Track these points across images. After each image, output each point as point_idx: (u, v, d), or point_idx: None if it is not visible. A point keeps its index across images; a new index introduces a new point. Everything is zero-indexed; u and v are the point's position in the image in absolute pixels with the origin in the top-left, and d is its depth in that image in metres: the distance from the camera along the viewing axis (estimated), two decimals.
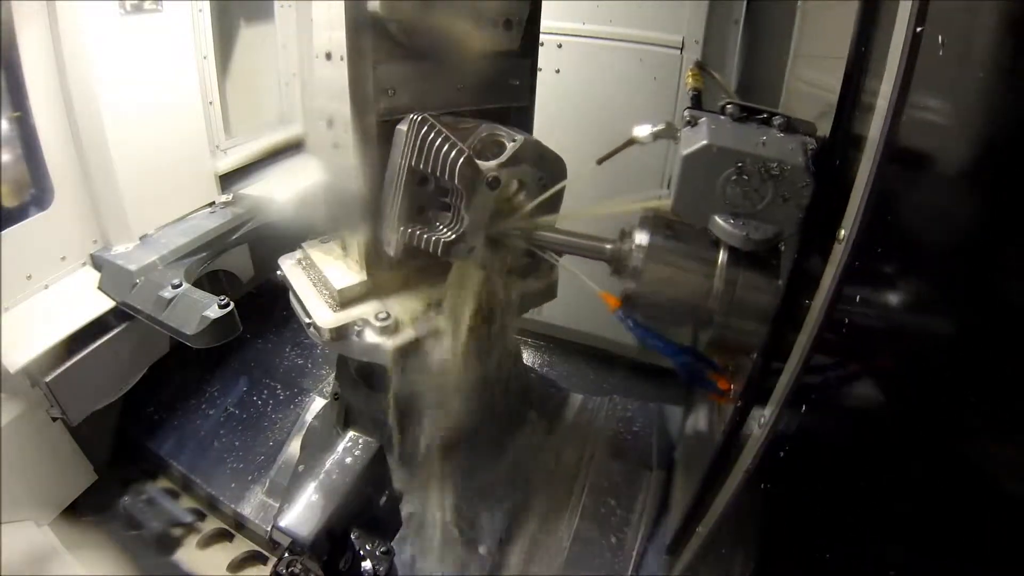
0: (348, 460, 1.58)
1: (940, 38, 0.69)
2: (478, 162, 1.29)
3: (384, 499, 1.67)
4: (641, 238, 1.21)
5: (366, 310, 1.52)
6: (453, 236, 1.32)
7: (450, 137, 1.26)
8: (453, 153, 1.24)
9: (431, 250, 1.33)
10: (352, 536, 1.56)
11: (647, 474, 2.11)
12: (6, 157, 1.77)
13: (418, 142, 1.27)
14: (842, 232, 0.86)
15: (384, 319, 1.46)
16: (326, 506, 1.48)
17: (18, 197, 1.83)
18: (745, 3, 2.17)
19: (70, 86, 1.79)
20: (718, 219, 1.06)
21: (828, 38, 1.22)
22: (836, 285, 0.87)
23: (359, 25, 1.28)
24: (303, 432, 2.19)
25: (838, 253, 0.87)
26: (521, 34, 1.46)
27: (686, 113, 1.12)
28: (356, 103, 1.35)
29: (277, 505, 1.80)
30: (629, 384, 2.74)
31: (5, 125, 1.75)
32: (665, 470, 2.12)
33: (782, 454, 1.04)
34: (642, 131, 1.21)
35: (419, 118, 1.27)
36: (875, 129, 0.79)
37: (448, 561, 1.79)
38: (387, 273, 1.57)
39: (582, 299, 1.54)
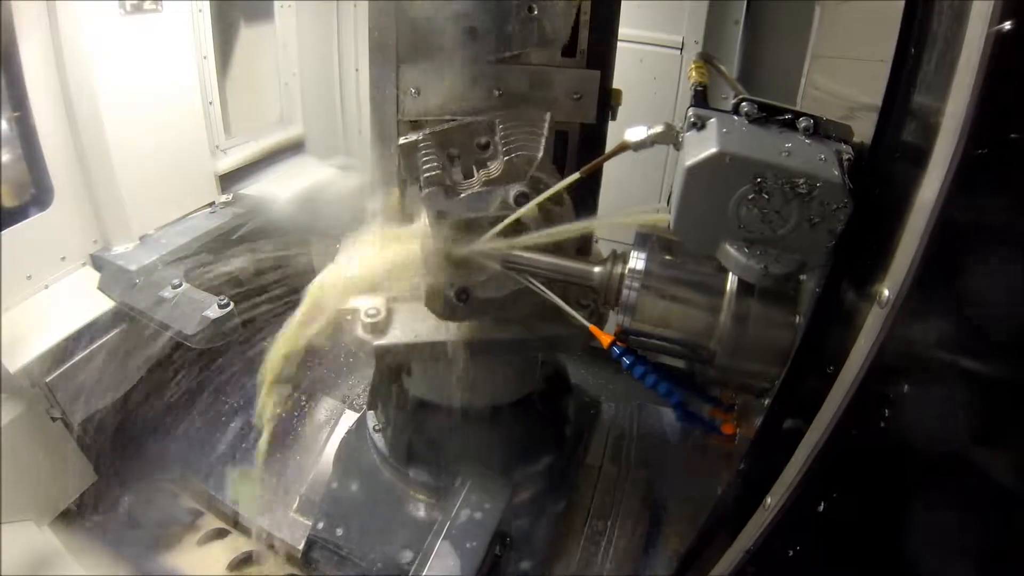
0: (478, 515, 1.50)
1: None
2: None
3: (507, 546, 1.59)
4: (635, 262, 1.03)
5: (364, 302, 1.42)
6: None
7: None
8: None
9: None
10: None
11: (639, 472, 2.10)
12: (6, 157, 1.77)
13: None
14: (885, 292, 0.63)
15: (373, 315, 1.36)
16: (467, 566, 1.40)
17: (18, 197, 1.83)
18: (745, 3, 2.17)
19: (70, 86, 1.79)
20: (729, 248, 0.86)
21: (852, 36, 1.09)
22: (881, 344, 0.66)
23: (382, 19, 1.21)
24: (334, 446, 2.09)
25: (879, 316, 0.65)
26: (568, 37, 1.23)
27: (690, 112, 0.90)
28: (375, 101, 1.29)
29: (309, 523, 1.77)
30: (630, 384, 2.73)
31: (5, 125, 1.75)
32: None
33: (791, 553, 0.86)
34: (636, 135, 0.98)
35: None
36: (945, 142, 0.57)
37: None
38: (404, 272, 1.52)
39: None
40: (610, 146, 1.05)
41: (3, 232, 1.71)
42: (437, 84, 1.28)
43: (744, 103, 0.87)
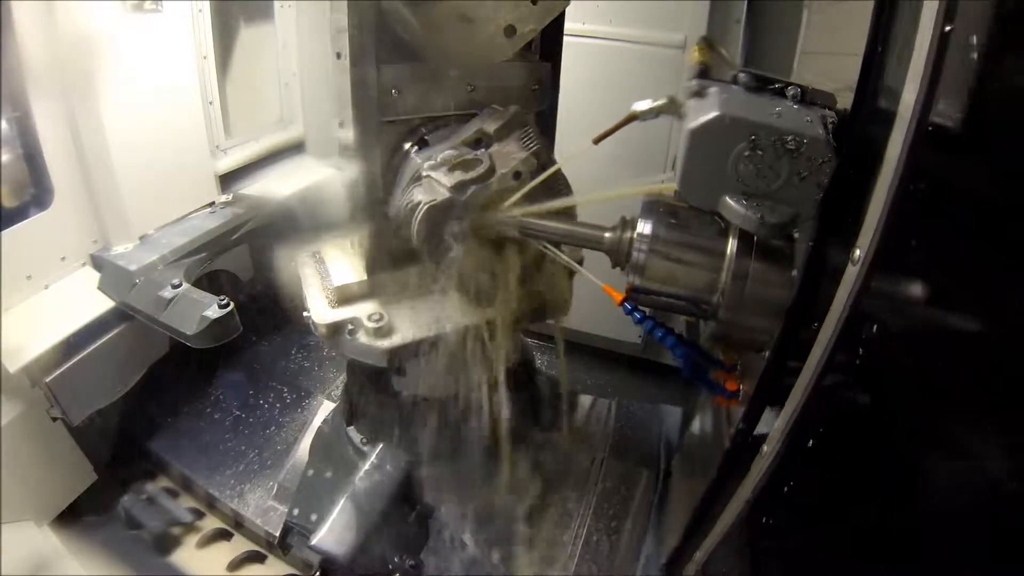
0: (379, 476, 1.58)
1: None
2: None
3: (415, 513, 1.66)
4: (643, 227, 1.10)
5: (362, 310, 1.49)
6: None
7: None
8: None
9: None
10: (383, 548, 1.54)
11: (654, 477, 2.10)
12: (6, 157, 1.77)
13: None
14: (856, 252, 0.74)
15: (377, 320, 1.43)
16: (361, 525, 1.47)
17: (18, 197, 1.83)
18: (747, 2, 2.16)
19: (70, 86, 1.79)
20: (729, 200, 0.95)
21: (837, 34, 1.18)
22: (855, 299, 0.76)
23: (363, 23, 1.26)
24: (311, 436, 2.16)
25: (852, 273, 0.75)
26: (526, 40, 1.36)
27: (693, 83, 1.01)
28: (358, 103, 1.33)
29: (286, 509, 1.82)
30: (629, 384, 2.74)
31: (5, 125, 1.75)
32: (663, 469, 2.12)
33: (786, 489, 0.95)
34: (642, 106, 1.10)
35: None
36: (906, 102, 0.68)
37: (458, 565, 1.78)
38: (388, 275, 1.56)
39: (581, 297, 1.52)
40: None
41: (3, 232, 1.71)
42: (416, 84, 1.36)
43: (741, 74, 1.00)
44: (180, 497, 2.14)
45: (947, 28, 0.63)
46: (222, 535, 2.05)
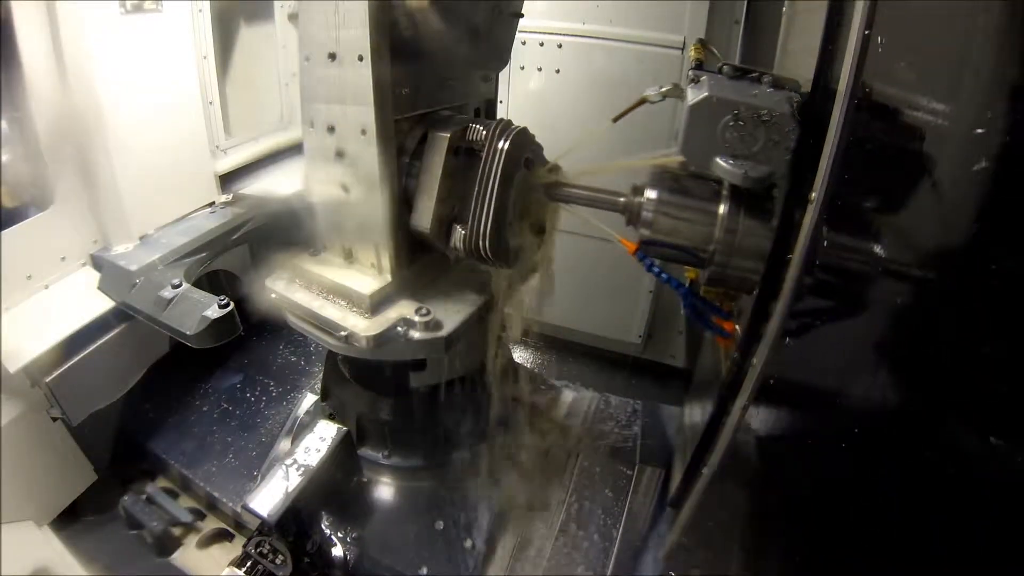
0: (316, 445, 1.66)
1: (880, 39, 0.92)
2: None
3: (353, 484, 1.71)
4: (651, 193, 1.36)
5: (402, 310, 1.53)
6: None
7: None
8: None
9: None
10: (323, 522, 1.58)
11: (633, 470, 2.12)
12: (6, 157, 1.77)
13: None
14: (812, 195, 1.02)
15: (426, 315, 1.51)
16: (292, 487, 1.54)
17: (18, 197, 1.83)
18: (745, 3, 2.17)
19: (70, 86, 1.79)
20: (720, 160, 1.21)
21: (810, 35, 1.34)
22: (812, 229, 1.04)
23: (381, 24, 1.29)
24: (294, 428, 2.20)
25: (810, 212, 1.03)
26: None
27: (691, 73, 1.32)
28: (379, 103, 1.35)
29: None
30: (630, 385, 2.74)
31: (5, 125, 1.75)
32: (661, 468, 2.12)
33: (772, 382, 1.22)
34: (652, 91, 1.46)
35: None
36: (840, 98, 0.97)
37: (434, 555, 1.79)
38: (407, 271, 1.59)
39: (581, 299, 1.54)
40: None
41: (3, 232, 1.71)
42: (424, 82, 1.48)
43: (725, 66, 1.29)
44: (180, 497, 2.14)
45: (866, 32, 0.91)
46: (222, 535, 2.05)
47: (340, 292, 1.57)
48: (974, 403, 0.80)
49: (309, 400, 2.37)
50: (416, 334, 1.51)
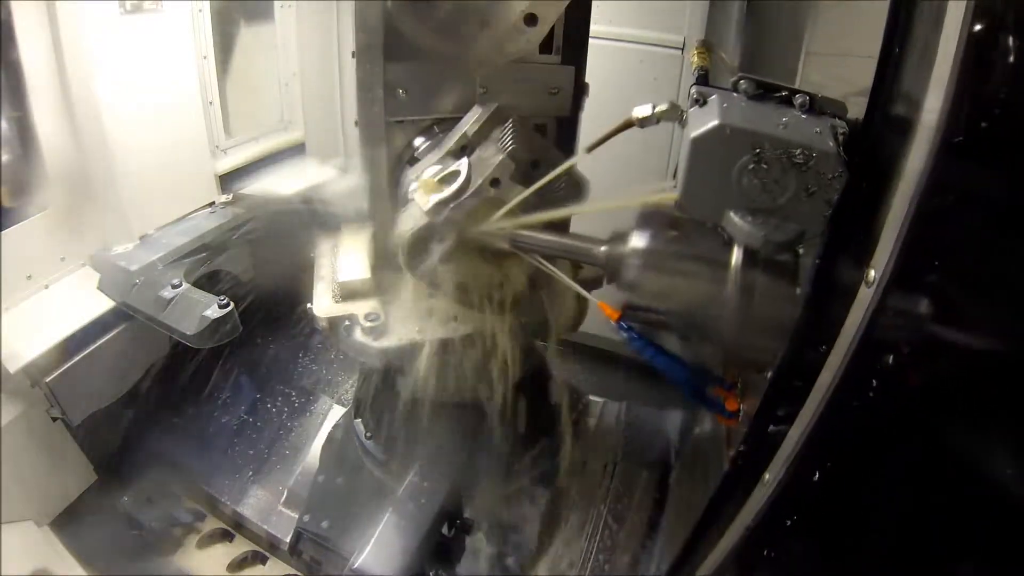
0: (422, 499, 1.52)
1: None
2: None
3: (455, 531, 1.63)
4: (638, 241, 1.05)
5: (362, 307, 1.46)
6: None
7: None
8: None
9: None
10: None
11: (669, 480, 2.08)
12: (6, 157, 1.77)
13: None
14: (871, 273, 0.67)
15: (373, 320, 1.40)
16: (406, 547, 1.43)
17: (18, 197, 1.83)
18: (746, 3, 2.16)
19: (70, 86, 1.78)
20: (733, 216, 0.90)
21: (847, 35, 1.13)
22: (868, 323, 0.68)
23: (369, 21, 1.25)
24: (321, 441, 2.15)
25: (867, 295, 0.68)
26: (546, 33, 1.29)
27: (693, 90, 0.95)
28: (363, 103, 1.32)
29: (296, 516, 1.82)
30: (630, 385, 2.72)
31: (5, 125, 1.75)
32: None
33: (789, 523, 0.89)
34: (643, 111, 1.04)
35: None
36: (929, 108, 0.61)
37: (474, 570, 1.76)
38: (392, 274, 1.54)
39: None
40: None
41: (3, 232, 1.71)
42: (424, 84, 1.34)
43: (742, 81, 0.92)
44: (180, 497, 2.14)
45: (976, 27, 0.55)
46: (222, 535, 2.05)
47: (336, 271, 1.55)
48: None
49: (336, 413, 2.33)
50: (357, 335, 1.40)
